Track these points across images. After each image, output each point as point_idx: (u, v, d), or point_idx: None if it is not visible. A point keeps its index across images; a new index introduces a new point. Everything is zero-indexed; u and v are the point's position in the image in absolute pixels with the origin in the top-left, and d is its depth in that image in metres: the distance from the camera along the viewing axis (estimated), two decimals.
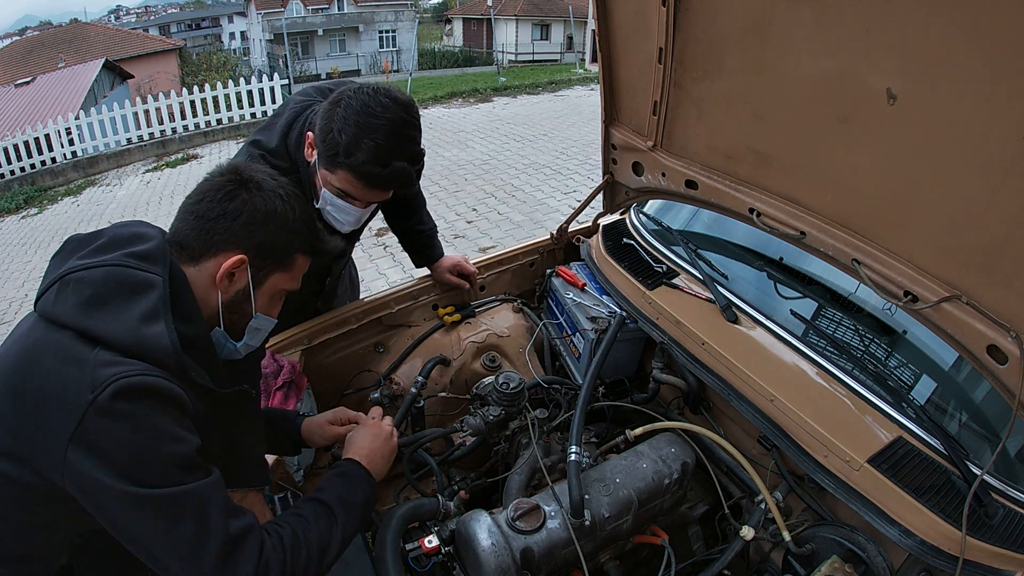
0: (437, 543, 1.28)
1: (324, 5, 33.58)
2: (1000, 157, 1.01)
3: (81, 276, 0.91)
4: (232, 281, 1.01)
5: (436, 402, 1.81)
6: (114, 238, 0.98)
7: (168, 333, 0.89)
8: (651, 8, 1.44)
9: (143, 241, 0.98)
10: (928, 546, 1.15)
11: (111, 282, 0.90)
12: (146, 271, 0.93)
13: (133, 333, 0.87)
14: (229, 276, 1.00)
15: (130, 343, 0.87)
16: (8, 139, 10.72)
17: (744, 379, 1.47)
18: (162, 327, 0.89)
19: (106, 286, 0.90)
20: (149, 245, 0.97)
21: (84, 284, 0.90)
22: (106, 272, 0.91)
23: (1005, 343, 1.14)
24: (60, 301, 0.90)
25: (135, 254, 0.94)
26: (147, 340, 0.87)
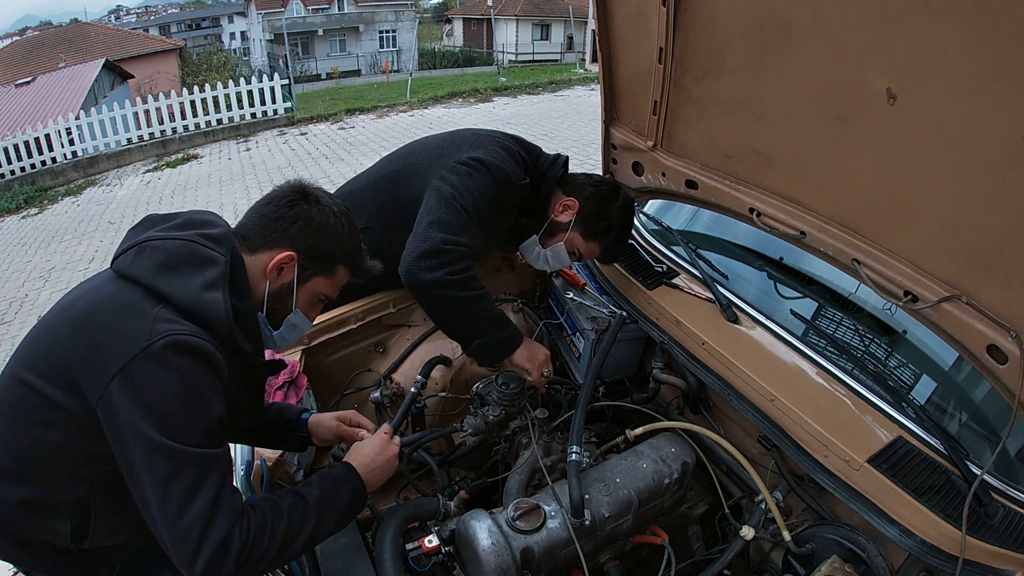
0: (437, 543, 1.28)
1: (324, 5, 33.59)
2: (1000, 157, 1.01)
3: (158, 244, 1.05)
4: (280, 274, 1.16)
5: (436, 402, 1.81)
6: (190, 220, 1.13)
7: (224, 302, 1.02)
8: (651, 8, 1.44)
9: (213, 226, 1.13)
10: (928, 546, 1.15)
11: (183, 253, 1.05)
12: (213, 250, 1.07)
13: (195, 297, 1.00)
14: (279, 269, 1.15)
15: (191, 305, 1.00)
16: (8, 139, 10.73)
17: (744, 379, 1.47)
18: (220, 295, 1.03)
19: (178, 255, 1.04)
20: (218, 230, 1.12)
21: (160, 251, 1.04)
22: (180, 244, 1.06)
23: (1005, 343, 1.14)
24: (136, 262, 1.03)
25: (206, 235, 1.09)
26: (206, 305, 1.01)
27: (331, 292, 1.25)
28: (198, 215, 1.16)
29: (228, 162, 10.44)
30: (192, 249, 1.06)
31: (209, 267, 1.05)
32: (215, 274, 1.05)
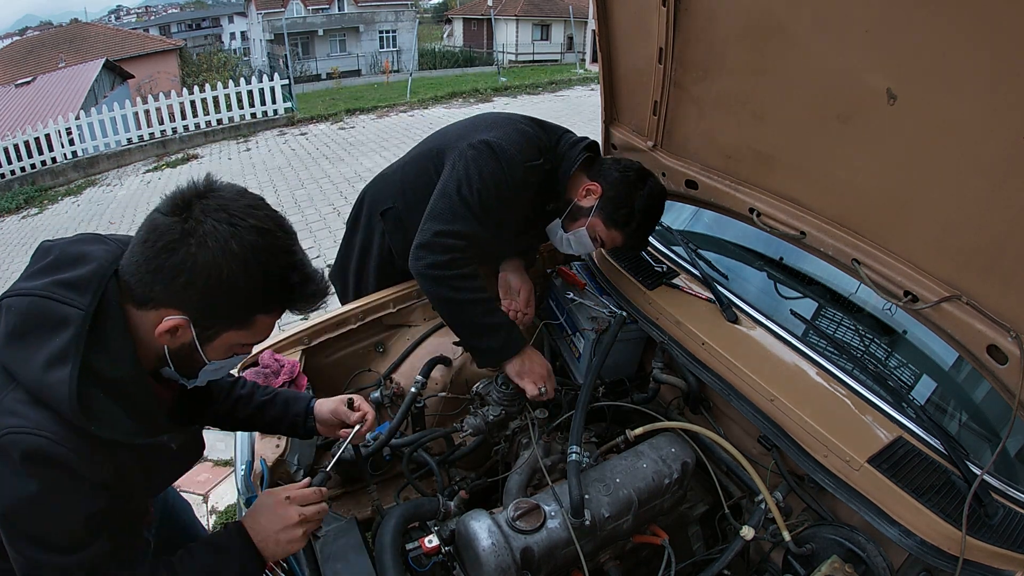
0: (437, 543, 1.28)
1: (324, 5, 33.59)
2: (1000, 157, 1.01)
3: (11, 303, 0.90)
4: (176, 336, 0.93)
5: (436, 402, 1.81)
6: (59, 258, 0.94)
7: (69, 382, 0.84)
8: (651, 8, 1.44)
9: (81, 264, 0.93)
10: (928, 546, 1.15)
11: (32, 315, 0.88)
12: (68, 303, 0.88)
13: (38, 378, 0.85)
14: (171, 331, 0.92)
15: (35, 388, 0.85)
16: (8, 139, 10.73)
17: (744, 379, 1.47)
18: (65, 374, 0.85)
19: (27, 320, 0.88)
20: (85, 270, 0.92)
21: (12, 313, 0.89)
22: (30, 303, 0.89)
23: (1005, 343, 1.14)
24: None
25: (64, 282, 0.90)
26: (48, 388, 0.85)
27: (255, 339, 1.01)
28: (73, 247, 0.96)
29: (228, 162, 10.44)
30: (41, 308, 0.88)
31: (60, 331, 0.87)
32: (64, 341, 0.86)
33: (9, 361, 0.87)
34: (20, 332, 0.88)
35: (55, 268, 0.93)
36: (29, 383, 0.85)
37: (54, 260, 0.94)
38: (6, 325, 0.88)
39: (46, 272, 0.93)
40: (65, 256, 0.94)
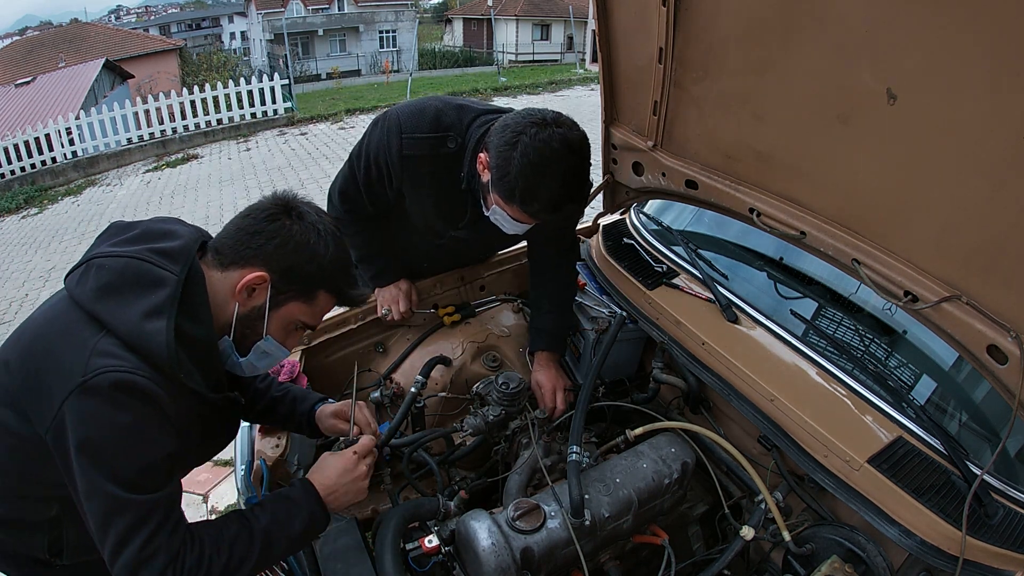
0: (437, 543, 1.28)
1: (324, 5, 33.58)
2: (1000, 157, 1.01)
3: (103, 263, 0.98)
4: (251, 296, 1.06)
5: (436, 402, 1.81)
6: (146, 231, 1.05)
7: (166, 332, 0.94)
8: (651, 8, 1.44)
9: (171, 239, 1.04)
10: (928, 546, 1.15)
11: (128, 273, 0.97)
12: (163, 268, 0.98)
13: (135, 326, 0.93)
14: (249, 290, 1.04)
15: (130, 335, 0.93)
16: (8, 139, 10.73)
17: (744, 379, 1.47)
18: (162, 324, 0.94)
19: (123, 276, 0.97)
20: (175, 243, 1.03)
21: (104, 271, 0.97)
22: (126, 263, 0.98)
23: (1005, 343, 1.14)
24: (82, 283, 0.98)
25: (158, 250, 1.00)
26: (146, 335, 0.93)
27: (310, 320, 1.14)
28: (158, 224, 1.08)
29: (228, 162, 10.44)
30: (139, 269, 0.97)
31: (156, 290, 0.96)
32: (161, 298, 0.96)
33: (102, 311, 0.94)
34: (116, 287, 0.96)
35: (146, 238, 1.03)
36: (124, 331, 0.93)
37: (142, 232, 1.04)
38: (98, 280, 0.96)
39: (136, 241, 1.02)
40: (153, 231, 1.05)
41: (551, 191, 1.34)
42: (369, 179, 1.65)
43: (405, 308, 1.85)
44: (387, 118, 1.59)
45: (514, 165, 1.32)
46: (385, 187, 1.65)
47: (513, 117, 1.38)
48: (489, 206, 1.50)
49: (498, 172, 1.36)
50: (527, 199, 1.35)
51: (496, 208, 1.46)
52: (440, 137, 1.54)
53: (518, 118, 1.36)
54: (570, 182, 1.36)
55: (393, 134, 1.55)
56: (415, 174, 1.59)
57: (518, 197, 1.36)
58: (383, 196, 1.68)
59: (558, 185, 1.34)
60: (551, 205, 1.37)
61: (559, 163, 1.32)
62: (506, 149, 1.33)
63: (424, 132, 1.53)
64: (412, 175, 1.59)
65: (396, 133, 1.54)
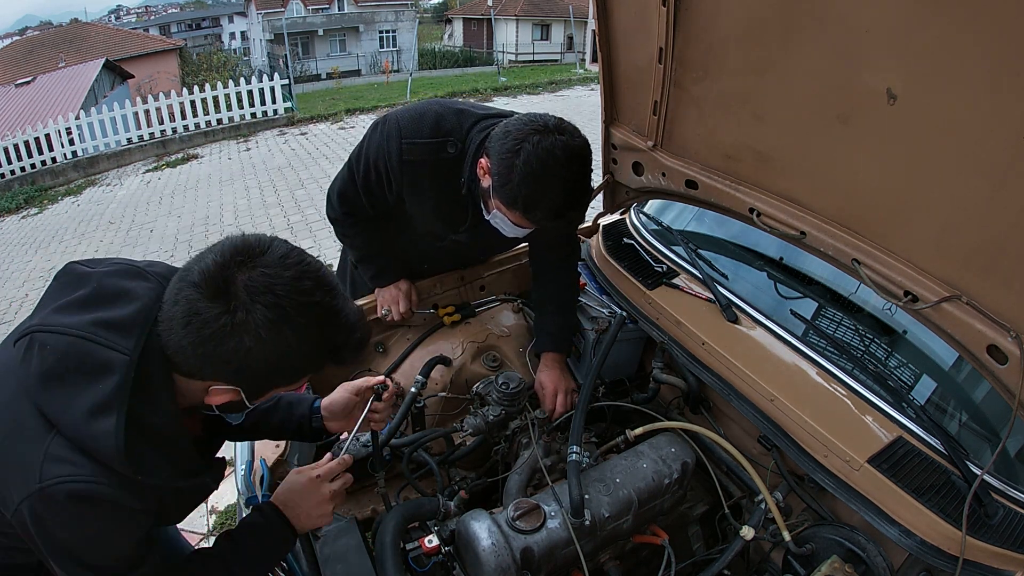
0: (437, 543, 1.28)
1: (324, 5, 33.59)
2: (1000, 157, 1.01)
3: (45, 340, 0.86)
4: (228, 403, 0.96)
5: (436, 402, 1.81)
6: (98, 293, 0.90)
7: (115, 434, 0.83)
8: (651, 8, 1.44)
9: (124, 302, 0.90)
10: (928, 546, 1.15)
11: (71, 358, 0.85)
12: (112, 347, 0.86)
13: (81, 427, 0.83)
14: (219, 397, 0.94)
15: (78, 438, 0.83)
16: (8, 139, 10.73)
17: (744, 379, 1.47)
18: (111, 423, 0.83)
19: (66, 362, 0.85)
20: (128, 310, 0.89)
21: (47, 352, 0.85)
22: (68, 343, 0.85)
23: (1005, 343, 1.14)
24: (25, 362, 0.86)
25: (105, 322, 0.87)
26: (93, 438, 0.83)
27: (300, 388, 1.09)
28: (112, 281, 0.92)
29: (228, 162, 10.44)
30: (82, 351, 0.85)
31: (102, 377, 0.84)
32: (108, 389, 0.83)
33: (46, 405, 0.84)
34: (58, 374, 0.84)
35: (94, 304, 0.89)
36: (72, 433, 0.83)
37: (92, 294, 0.90)
38: (40, 364, 0.85)
39: (84, 307, 0.88)
40: (104, 291, 0.90)
41: (553, 199, 1.34)
42: (368, 183, 1.65)
43: (405, 308, 1.87)
44: (387, 122, 1.58)
45: (516, 173, 1.31)
46: (384, 191, 1.65)
47: (515, 123, 1.36)
48: (490, 210, 1.51)
49: (500, 179, 1.36)
50: (530, 207, 1.35)
51: (497, 212, 1.47)
52: (440, 142, 1.53)
53: (520, 124, 1.35)
54: (572, 189, 1.36)
55: (393, 139, 1.54)
56: (415, 179, 1.58)
57: (521, 204, 1.36)
58: (382, 199, 1.68)
59: (561, 193, 1.34)
60: (553, 212, 1.37)
61: (562, 171, 1.32)
62: (508, 156, 1.32)
63: (424, 137, 1.52)
64: (412, 180, 1.59)
65: (396, 138, 1.54)
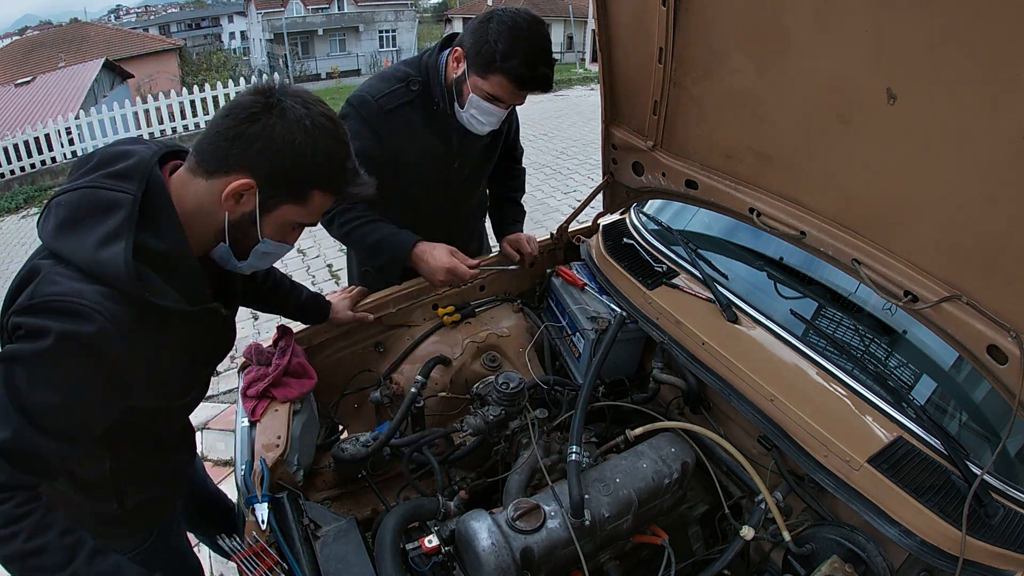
0: (437, 543, 1.28)
1: (324, 5, 33.58)
2: (1000, 157, 1.01)
3: (60, 199, 0.97)
4: (239, 203, 1.01)
5: (436, 402, 1.81)
6: (102, 158, 1.01)
7: (124, 254, 0.91)
8: (651, 8, 1.44)
9: (126, 159, 0.99)
10: (928, 546, 1.15)
11: (83, 204, 0.95)
12: (117, 190, 0.95)
13: (90, 255, 0.91)
14: (236, 197, 1.00)
15: (88, 265, 0.91)
16: (8, 139, 10.72)
17: (744, 379, 1.47)
18: (119, 248, 0.91)
19: (78, 209, 0.95)
20: (129, 163, 0.99)
21: (61, 207, 0.96)
22: (80, 195, 0.96)
23: (1005, 343, 1.14)
24: (44, 224, 0.97)
25: (111, 173, 0.97)
26: (102, 262, 0.90)
27: (308, 219, 1.10)
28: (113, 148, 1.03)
29: None
30: (91, 197, 0.95)
31: (111, 214, 0.93)
32: (117, 221, 0.93)
33: (60, 248, 0.93)
34: (70, 221, 0.94)
35: (101, 165, 0.99)
36: (81, 262, 0.91)
37: (97, 161, 1.00)
38: (55, 217, 0.95)
39: (91, 171, 0.99)
40: (107, 155, 1.01)
41: (528, 48, 1.54)
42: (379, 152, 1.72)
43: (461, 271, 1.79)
44: (352, 103, 1.72)
45: (491, 33, 1.53)
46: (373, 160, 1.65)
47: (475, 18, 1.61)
48: (464, 101, 1.67)
49: (475, 47, 1.57)
50: (507, 57, 1.53)
51: (473, 98, 1.64)
52: (404, 84, 1.71)
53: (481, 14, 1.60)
54: (543, 47, 1.57)
55: (368, 103, 1.69)
56: (400, 123, 1.72)
57: (498, 59, 1.54)
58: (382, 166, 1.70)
59: (534, 45, 1.55)
60: (529, 62, 1.55)
61: (532, 28, 1.55)
62: (481, 26, 1.56)
63: (390, 86, 1.70)
64: (397, 124, 1.72)
65: (370, 101, 1.69)
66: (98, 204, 0.94)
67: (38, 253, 0.98)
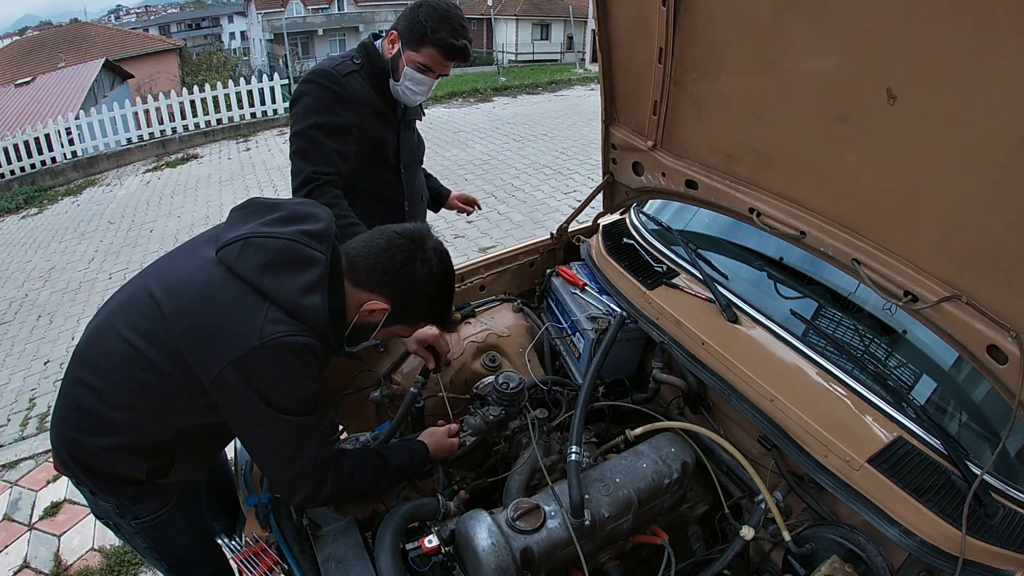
0: (437, 543, 1.28)
1: (324, 5, 33.60)
2: (1000, 157, 1.00)
3: (262, 242, 1.15)
4: (371, 315, 1.26)
5: (436, 402, 1.81)
6: (293, 214, 1.22)
7: (322, 305, 1.13)
8: (651, 8, 1.44)
9: (315, 221, 1.22)
10: (928, 546, 1.15)
11: (285, 253, 1.14)
12: (314, 249, 1.17)
13: (296, 299, 1.11)
14: (371, 311, 1.25)
15: (292, 307, 1.11)
16: (8, 139, 10.71)
17: (744, 379, 1.47)
18: (318, 299, 1.13)
19: (281, 255, 1.14)
20: (320, 226, 1.21)
21: (265, 250, 1.14)
22: (283, 244, 1.15)
23: (1005, 343, 1.14)
24: (242, 258, 1.13)
25: (308, 232, 1.18)
26: (306, 309, 1.12)
27: (406, 334, 1.42)
28: (301, 207, 1.26)
29: (228, 162, 10.43)
30: (294, 249, 1.15)
31: (310, 268, 1.14)
32: (315, 276, 1.14)
33: (266, 285, 1.12)
34: (276, 264, 1.13)
35: (294, 220, 1.21)
36: (287, 303, 1.11)
37: (289, 215, 1.22)
38: (259, 257, 1.13)
39: (286, 223, 1.19)
40: (297, 213, 1.23)
41: (452, 26, 1.85)
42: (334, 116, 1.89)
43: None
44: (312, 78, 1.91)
45: (421, 15, 1.84)
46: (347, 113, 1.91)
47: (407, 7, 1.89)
48: (400, 74, 1.92)
49: (408, 27, 1.86)
50: (436, 30, 1.83)
51: (407, 71, 1.91)
52: (344, 61, 1.95)
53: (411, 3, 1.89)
54: (463, 24, 1.89)
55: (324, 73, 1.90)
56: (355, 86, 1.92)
57: (429, 32, 1.83)
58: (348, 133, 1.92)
59: (457, 23, 1.87)
60: (453, 35, 1.86)
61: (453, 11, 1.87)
62: (412, 11, 1.86)
63: (339, 62, 1.95)
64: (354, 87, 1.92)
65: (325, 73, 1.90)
66: (299, 258, 1.15)
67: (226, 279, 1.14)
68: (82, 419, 1.23)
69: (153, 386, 1.17)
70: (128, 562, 2.66)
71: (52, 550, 2.78)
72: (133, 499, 1.36)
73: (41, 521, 2.95)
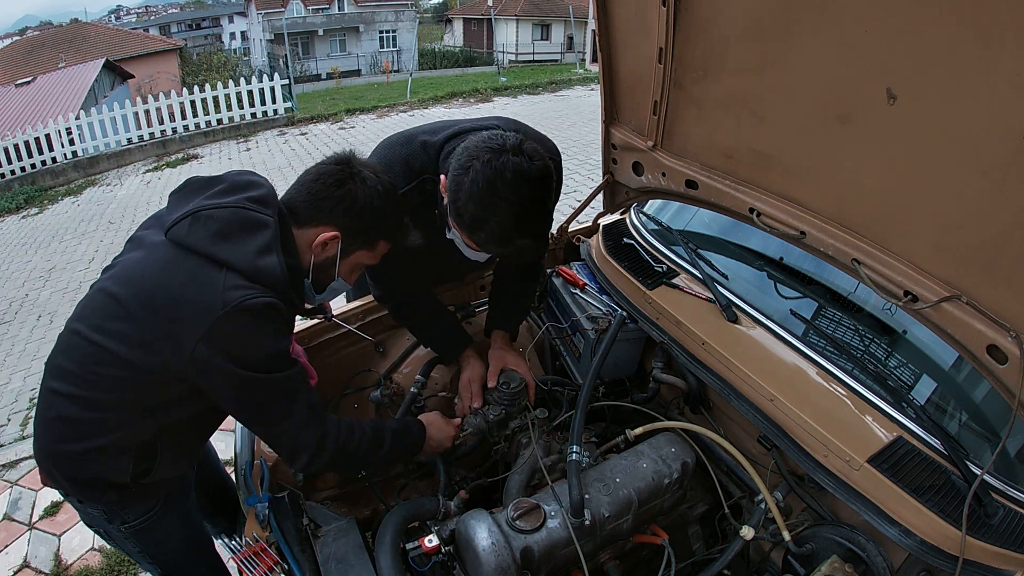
0: (437, 543, 1.28)
1: (324, 5, 33.60)
2: (1000, 157, 1.00)
3: (211, 213, 1.15)
4: (324, 249, 1.27)
5: (436, 402, 1.81)
6: (233, 184, 1.22)
7: (280, 265, 1.15)
8: (651, 8, 1.44)
9: (256, 188, 1.23)
10: (928, 546, 1.15)
11: (236, 220, 1.15)
12: (262, 213, 1.18)
13: (251, 262, 1.12)
14: (323, 245, 1.25)
15: (249, 270, 1.12)
16: (8, 139, 10.72)
17: (744, 379, 1.47)
18: (275, 259, 1.14)
19: (232, 223, 1.14)
20: (262, 191, 1.23)
21: (214, 220, 1.14)
22: (232, 212, 1.16)
23: (1005, 343, 1.14)
24: (193, 232, 1.13)
25: (252, 198, 1.20)
26: (261, 270, 1.13)
27: (372, 261, 1.38)
28: (240, 176, 1.25)
29: (228, 162, 10.45)
30: (243, 216, 1.16)
31: (261, 231, 1.16)
32: (267, 238, 1.15)
33: (219, 252, 1.12)
34: (226, 232, 1.14)
35: (237, 189, 1.21)
36: (243, 268, 1.12)
37: (230, 186, 1.22)
38: (209, 228, 1.14)
39: (230, 193, 1.20)
40: (238, 183, 1.23)
41: (501, 224, 1.25)
42: None
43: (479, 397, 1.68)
44: None
45: (464, 192, 1.24)
46: None
47: (474, 140, 1.28)
48: (450, 228, 1.42)
49: (451, 196, 1.29)
50: (475, 228, 1.28)
51: (455, 231, 1.39)
52: (418, 184, 1.47)
53: (478, 142, 1.27)
54: (522, 216, 1.25)
55: None
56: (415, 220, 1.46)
57: (467, 225, 1.29)
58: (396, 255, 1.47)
59: (508, 217, 1.24)
60: (500, 238, 1.28)
61: (510, 194, 1.21)
62: (459, 174, 1.25)
63: (402, 187, 1.43)
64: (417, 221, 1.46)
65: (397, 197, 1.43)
66: (248, 222, 1.16)
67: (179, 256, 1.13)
68: (62, 428, 1.22)
69: (126, 380, 1.16)
70: (128, 562, 2.67)
71: (52, 550, 2.78)
72: (120, 504, 1.35)
73: (41, 521, 2.96)
